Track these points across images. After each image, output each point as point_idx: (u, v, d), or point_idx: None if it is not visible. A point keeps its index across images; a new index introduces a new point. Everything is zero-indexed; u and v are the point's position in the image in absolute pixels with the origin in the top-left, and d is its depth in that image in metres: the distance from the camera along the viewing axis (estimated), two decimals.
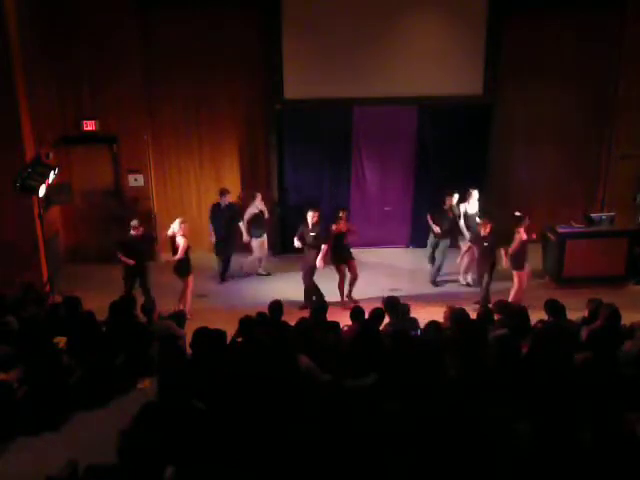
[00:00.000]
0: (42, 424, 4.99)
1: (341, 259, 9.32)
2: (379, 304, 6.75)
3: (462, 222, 10.07)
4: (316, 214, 9.11)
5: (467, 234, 9.97)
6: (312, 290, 9.16)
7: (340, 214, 9.36)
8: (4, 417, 4.95)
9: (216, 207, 10.30)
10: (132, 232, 8.83)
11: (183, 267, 8.89)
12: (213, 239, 10.32)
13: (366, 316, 6.58)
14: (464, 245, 10.14)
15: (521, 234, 8.84)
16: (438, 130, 11.21)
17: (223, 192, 10.27)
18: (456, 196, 10.03)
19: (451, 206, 10.03)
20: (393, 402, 4.50)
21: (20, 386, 5.28)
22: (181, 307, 8.69)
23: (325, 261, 9.13)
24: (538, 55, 11.02)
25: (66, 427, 5.08)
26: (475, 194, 10.14)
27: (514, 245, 8.87)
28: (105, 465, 3.60)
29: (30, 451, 4.79)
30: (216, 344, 5.55)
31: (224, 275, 10.45)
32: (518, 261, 8.94)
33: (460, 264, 10.29)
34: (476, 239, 9.31)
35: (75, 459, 3.98)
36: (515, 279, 9.01)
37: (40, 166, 8.61)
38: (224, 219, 10.21)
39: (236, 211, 10.44)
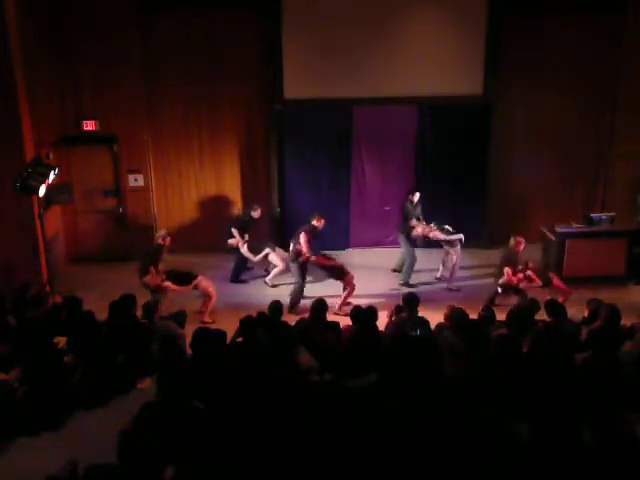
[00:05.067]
0: (42, 424, 5.00)
1: None
2: (378, 304, 6.75)
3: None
4: None
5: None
6: None
7: None
8: (4, 417, 4.96)
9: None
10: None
11: None
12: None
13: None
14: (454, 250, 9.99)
15: None
16: (438, 130, 11.19)
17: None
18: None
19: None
20: (393, 402, 4.51)
21: (20, 386, 5.29)
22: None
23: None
24: (538, 55, 10.99)
25: (66, 427, 5.09)
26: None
27: None
28: (105, 465, 3.60)
29: (30, 451, 4.79)
30: (216, 344, 5.56)
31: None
32: None
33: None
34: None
35: (75, 459, 3.99)
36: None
37: (40, 166, 8.60)
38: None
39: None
